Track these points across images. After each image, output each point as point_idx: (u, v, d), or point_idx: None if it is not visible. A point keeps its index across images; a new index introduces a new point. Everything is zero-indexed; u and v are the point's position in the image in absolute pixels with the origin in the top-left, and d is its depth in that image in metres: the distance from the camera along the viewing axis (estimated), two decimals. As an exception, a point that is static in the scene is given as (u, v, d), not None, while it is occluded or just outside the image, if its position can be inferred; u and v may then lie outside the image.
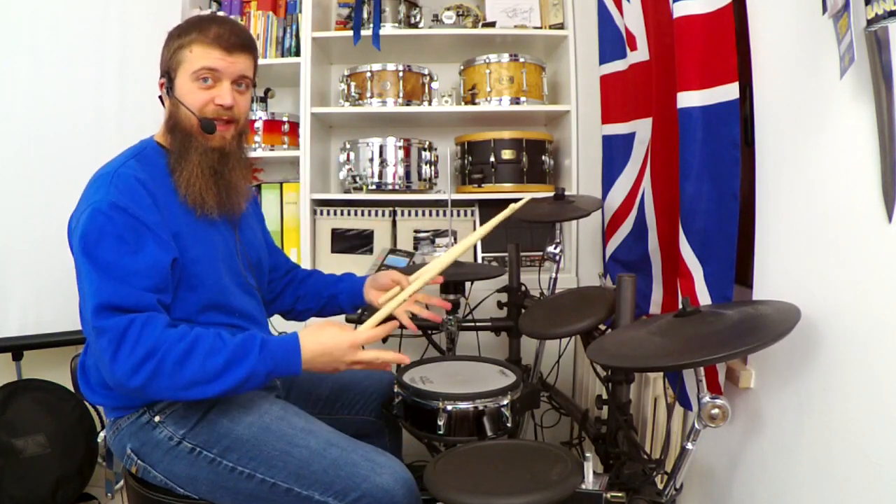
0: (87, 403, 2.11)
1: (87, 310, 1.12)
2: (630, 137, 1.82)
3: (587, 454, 1.11)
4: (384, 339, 1.99)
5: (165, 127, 1.33)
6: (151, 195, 1.21)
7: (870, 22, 0.77)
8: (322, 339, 1.20)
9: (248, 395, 1.27)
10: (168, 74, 1.29)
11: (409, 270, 2.03)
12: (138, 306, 1.12)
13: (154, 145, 1.33)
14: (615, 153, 1.92)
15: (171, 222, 1.23)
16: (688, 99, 1.29)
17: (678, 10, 1.29)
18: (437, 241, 2.45)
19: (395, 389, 1.50)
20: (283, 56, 2.50)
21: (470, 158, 2.42)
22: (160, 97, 1.35)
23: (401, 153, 2.43)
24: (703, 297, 1.31)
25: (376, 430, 1.56)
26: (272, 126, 2.47)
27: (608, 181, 1.95)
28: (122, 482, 1.86)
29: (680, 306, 1.09)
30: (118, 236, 1.14)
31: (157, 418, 1.22)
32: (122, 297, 1.11)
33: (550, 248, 1.92)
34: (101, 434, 1.78)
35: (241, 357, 1.14)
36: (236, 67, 1.28)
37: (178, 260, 1.21)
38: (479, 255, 2.45)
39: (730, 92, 1.23)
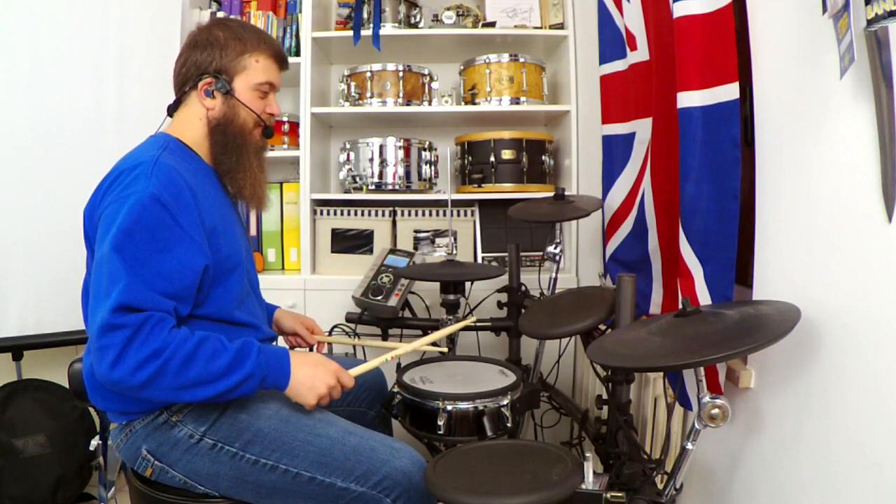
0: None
1: (103, 302, 1.08)
2: (630, 137, 1.82)
3: (587, 454, 1.11)
4: (384, 339, 2.01)
5: (208, 126, 1.33)
6: (190, 189, 1.20)
7: (870, 22, 0.77)
8: (308, 358, 1.26)
9: (263, 391, 1.27)
10: (220, 75, 1.31)
11: (410, 270, 2.04)
12: (156, 309, 1.11)
13: (176, 141, 1.31)
14: (615, 153, 1.92)
15: (207, 218, 1.23)
16: (688, 99, 1.29)
17: (678, 10, 1.29)
18: (437, 241, 2.45)
19: (395, 389, 1.51)
20: (283, 56, 2.50)
21: (470, 158, 2.42)
22: (181, 93, 1.34)
23: (401, 153, 2.42)
24: (703, 297, 1.31)
25: (367, 423, 1.56)
26: (272, 126, 2.47)
27: (608, 181, 1.95)
28: (113, 489, 1.86)
29: (680, 306, 1.09)
30: (151, 233, 1.13)
31: (174, 418, 1.22)
32: (142, 300, 1.09)
33: (550, 248, 1.92)
34: (95, 441, 1.75)
35: (243, 360, 1.16)
36: (280, 82, 1.42)
37: (209, 266, 1.20)
38: (479, 255, 2.45)
39: (730, 92, 1.23)
